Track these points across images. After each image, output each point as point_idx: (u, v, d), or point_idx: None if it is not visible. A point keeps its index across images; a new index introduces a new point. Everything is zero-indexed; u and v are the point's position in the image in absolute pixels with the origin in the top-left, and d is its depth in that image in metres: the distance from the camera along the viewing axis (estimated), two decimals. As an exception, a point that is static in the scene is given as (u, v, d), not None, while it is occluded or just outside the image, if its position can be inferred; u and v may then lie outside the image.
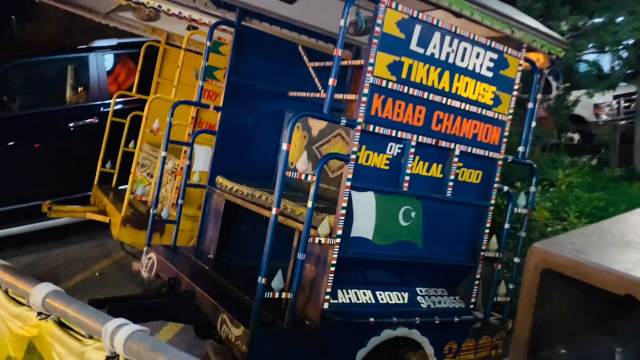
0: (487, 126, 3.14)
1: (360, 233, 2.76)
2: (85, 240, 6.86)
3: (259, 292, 2.49)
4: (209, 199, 3.95)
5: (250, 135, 4.11)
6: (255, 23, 3.92)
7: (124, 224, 4.51)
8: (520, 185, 4.49)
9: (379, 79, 2.67)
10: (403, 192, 2.87)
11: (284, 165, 2.52)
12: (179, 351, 1.22)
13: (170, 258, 3.56)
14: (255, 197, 3.39)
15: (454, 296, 3.29)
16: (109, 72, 6.93)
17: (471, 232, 3.23)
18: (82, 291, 5.42)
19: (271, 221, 2.53)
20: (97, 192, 5.62)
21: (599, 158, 10.93)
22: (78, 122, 6.41)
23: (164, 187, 4.74)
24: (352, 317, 2.73)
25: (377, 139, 2.74)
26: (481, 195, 3.24)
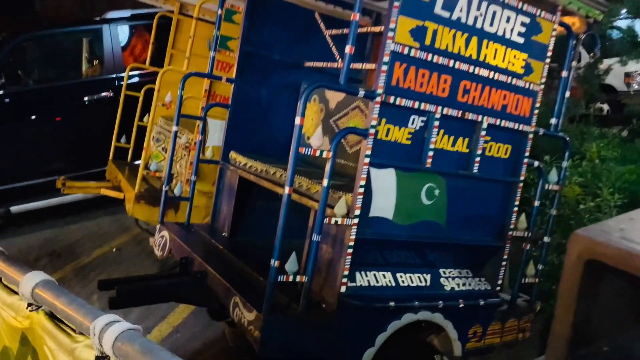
0: (518, 97, 2.91)
1: (379, 213, 2.59)
2: (103, 216, 6.83)
3: (271, 276, 2.35)
4: (223, 175, 3.81)
5: (265, 108, 3.93)
6: (269, -11, 3.71)
7: (138, 201, 4.41)
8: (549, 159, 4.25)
9: (400, 45, 2.46)
10: (426, 169, 2.68)
11: (297, 141, 2.34)
12: (171, 355, 1.08)
13: (183, 236, 3.45)
14: (269, 173, 3.24)
15: (479, 278, 3.11)
16: (125, 44, 6.78)
17: (499, 210, 3.04)
18: (100, 267, 5.40)
19: (284, 201, 2.37)
20: (112, 168, 5.53)
21: (630, 129, 10.52)
22: (93, 95, 6.31)
23: (178, 163, 4.61)
24: (372, 301, 2.58)
25: (399, 111, 2.54)
26: (510, 171, 3.03)
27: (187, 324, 4.27)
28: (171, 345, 3.91)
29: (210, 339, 4.05)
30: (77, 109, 6.26)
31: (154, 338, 4.03)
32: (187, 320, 4.28)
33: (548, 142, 4.14)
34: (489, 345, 3.12)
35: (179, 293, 2.90)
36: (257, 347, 2.38)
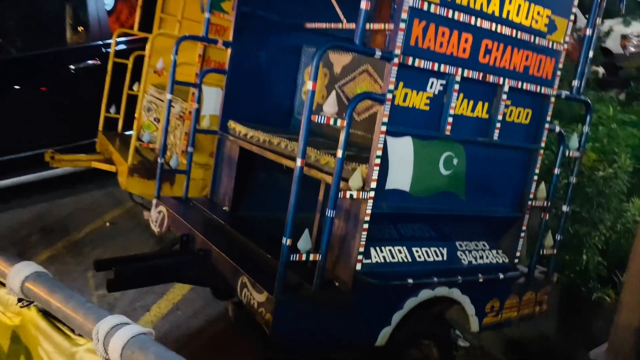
0: (540, 57, 2.71)
1: (396, 185, 2.40)
2: (95, 189, 6.62)
3: (283, 255, 2.17)
4: (222, 146, 3.60)
5: (264, 73, 3.70)
6: (266, -56, 3.43)
7: (131, 174, 4.19)
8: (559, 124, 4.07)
9: (419, 0, 2.24)
10: (445, 137, 2.49)
11: (309, 108, 2.13)
12: (192, 366, 0.90)
13: (182, 211, 3.26)
14: (272, 144, 3.03)
15: (496, 250, 2.97)
16: (110, 9, 6.45)
17: (519, 179, 2.87)
18: (94, 242, 5.22)
19: (296, 174, 2.17)
20: (102, 139, 5.29)
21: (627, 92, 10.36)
22: (79, 64, 6.01)
23: (172, 133, 4.39)
24: (388, 278, 2.42)
25: (417, 74, 2.34)
26: (531, 137, 2.85)
27: (188, 300, 4.12)
28: (171, 323, 3.77)
29: (212, 317, 3.91)
30: (63, 78, 5.97)
31: (153, 316, 3.89)
32: (188, 297, 4.13)
33: (558, 104, 3.97)
34: (506, 320, 3.00)
35: (182, 273, 2.72)
36: (269, 330, 2.22)
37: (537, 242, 3.02)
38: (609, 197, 3.44)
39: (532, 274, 3.03)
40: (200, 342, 3.54)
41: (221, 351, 3.41)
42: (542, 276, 3.15)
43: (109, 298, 4.07)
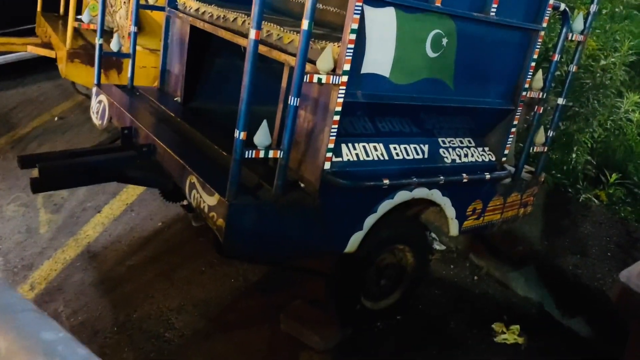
0: None
1: (374, 68, 2.00)
2: (44, 80, 6.04)
3: (236, 151, 1.80)
4: (171, 26, 3.08)
5: None
6: None
7: (71, 59, 3.66)
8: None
9: None
10: (435, 9, 2.05)
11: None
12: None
13: (126, 101, 2.81)
14: (228, 20, 2.55)
15: (483, 147, 2.64)
16: None
17: (514, 66, 2.48)
18: (40, 137, 4.77)
19: (249, 50, 1.74)
20: (40, 21, 4.65)
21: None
22: None
23: (117, 14, 3.81)
24: (361, 179, 2.09)
25: None
26: (531, 15, 2.43)
27: (143, 201, 3.78)
28: (124, 225, 3.45)
29: (170, 218, 3.60)
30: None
31: (104, 217, 3.56)
32: (143, 197, 3.79)
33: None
34: (487, 223, 2.75)
35: (120, 171, 2.33)
36: (221, 238, 1.90)
37: (525, 138, 2.70)
38: (607, 87, 3.10)
39: (520, 174, 2.74)
40: (155, 246, 3.25)
41: (177, 255, 3.14)
42: (528, 176, 2.87)
43: (55, 198, 3.71)
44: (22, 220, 3.37)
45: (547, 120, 2.98)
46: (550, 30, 3.28)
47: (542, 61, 3.13)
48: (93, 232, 3.32)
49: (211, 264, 3.05)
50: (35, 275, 2.89)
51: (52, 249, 3.10)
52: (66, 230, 3.32)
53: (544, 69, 2.80)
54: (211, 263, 3.06)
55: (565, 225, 3.11)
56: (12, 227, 3.29)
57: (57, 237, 3.24)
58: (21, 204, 3.67)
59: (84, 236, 3.27)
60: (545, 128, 2.79)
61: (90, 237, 3.27)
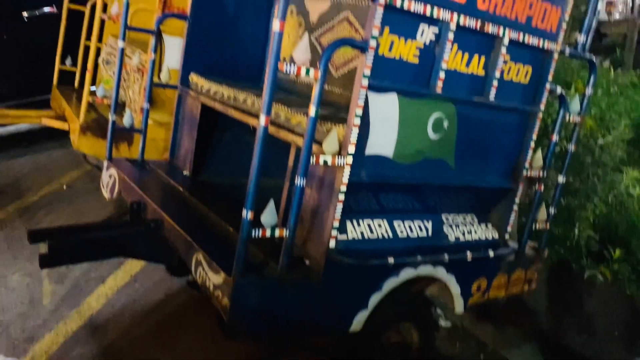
0: (545, 5, 2.36)
1: (377, 150, 2.07)
2: (54, 148, 6.18)
3: (244, 231, 1.83)
4: (182, 103, 3.21)
5: (231, 21, 3.29)
6: None
7: (84, 132, 3.78)
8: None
9: None
10: (435, 95, 2.15)
11: (275, 54, 1.76)
12: None
13: (136, 176, 2.88)
14: (238, 100, 2.66)
15: (485, 223, 2.68)
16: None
17: (514, 146, 2.55)
18: (48, 206, 4.82)
19: (259, 135, 1.82)
20: (55, 94, 4.83)
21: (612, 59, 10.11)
22: (33, 11, 5.48)
23: (131, 89, 3.96)
24: (366, 257, 2.11)
25: (406, 18, 1.97)
26: (529, 98, 2.53)
27: (147, 272, 3.78)
28: (128, 297, 3.44)
29: (174, 289, 3.59)
30: (15, 26, 5.44)
31: (108, 288, 3.55)
32: (147, 269, 3.79)
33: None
34: (492, 300, 2.74)
35: (128, 246, 2.37)
36: (226, 317, 1.90)
37: (528, 214, 2.74)
38: (605, 165, 3.16)
39: (523, 251, 2.76)
40: (158, 318, 3.22)
41: (181, 329, 3.11)
42: (532, 252, 2.88)
43: (60, 268, 3.71)
44: (25, 291, 3.37)
45: (548, 195, 3.02)
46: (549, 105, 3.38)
47: (543, 137, 3.21)
48: (96, 304, 3.31)
49: (214, 339, 3.02)
50: (36, 348, 2.86)
51: (54, 321, 3.08)
52: (69, 301, 3.31)
53: (546, 143, 2.87)
54: (214, 338, 3.02)
55: (570, 302, 3.09)
56: (15, 297, 3.29)
57: (59, 308, 3.22)
58: (25, 274, 3.67)
59: (87, 308, 3.25)
60: (546, 203, 2.83)
61: (93, 309, 3.25)
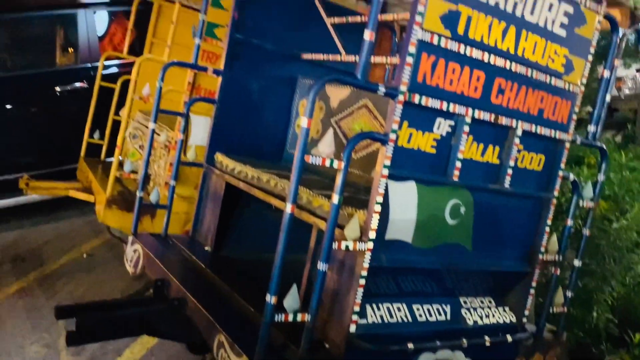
0: (556, 99, 2.50)
1: (397, 235, 2.14)
2: (75, 216, 6.34)
3: (267, 315, 1.89)
4: (207, 180, 3.34)
5: (256, 104, 3.47)
6: (263, -31, 3.25)
7: (110, 206, 3.91)
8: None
9: (429, 33, 2.02)
10: (452, 183, 2.24)
11: (302, 148, 1.89)
12: None
13: (159, 252, 2.97)
14: (262, 181, 2.78)
15: (503, 307, 2.70)
16: (103, 32, 6.27)
17: (529, 230, 2.62)
18: (68, 275, 4.92)
19: (284, 222, 1.91)
20: (83, 166, 5.02)
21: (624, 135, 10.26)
22: (65, 86, 5.79)
23: (156, 163, 4.13)
24: (386, 342, 2.13)
25: (423, 113, 2.11)
26: (543, 185, 2.61)
27: (163, 345, 3.80)
28: (144, 371, 3.45)
29: (190, 364, 3.59)
30: (48, 100, 5.75)
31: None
32: (163, 341, 3.80)
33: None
34: (512, 385, 2.71)
35: (152, 324, 2.42)
36: (246, 400, 1.93)
37: (545, 296, 2.76)
38: (621, 249, 3.19)
39: (541, 334, 2.76)
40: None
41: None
42: (550, 336, 2.87)
43: (77, 340, 3.74)
44: (43, 363, 3.40)
45: (565, 278, 3.04)
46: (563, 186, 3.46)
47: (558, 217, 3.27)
48: (113, 378, 3.32)
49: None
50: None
51: (71, 395, 3.10)
52: (86, 375, 3.33)
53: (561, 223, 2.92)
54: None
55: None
56: (33, 370, 3.32)
57: (77, 382, 3.24)
58: (44, 345, 3.71)
59: (103, 382, 3.27)
60: (563, 286, 2.85)
61: (111, 383, 3.26)
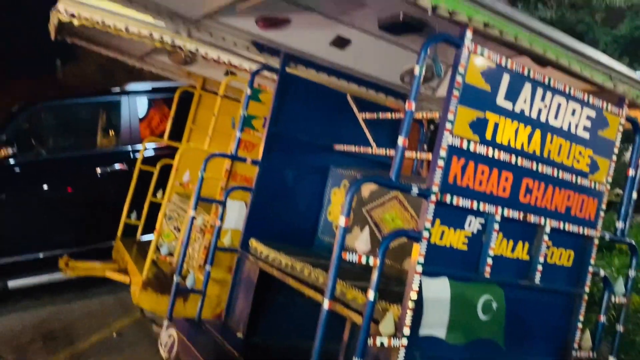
0: (582, 197, 2.59)
1: (430, 331, 2.19)
2: (105, 294, 6.41)
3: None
4: (241, 266, 3.44)
5: (290, 191, 3.63)
6: (300, 69, 3.51)
7: (145, 288, 4.02)
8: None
9: (459, 138, 2.17)
10: (484, 279, 2.31)
11: (340, 245, 2.00)
12: None
13: (193, 337, 3.03)
14: (295, 269, 2.87)
15: (536, 405, 2.66)
16: (142, 116, 6.65)
17: (561, 326, 2.63)
18: (99, 355, 4.94)
19: (322, 318, 1.99)
20: (119, 247, 5.18)
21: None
22: (106, 167, 6.08)
23: (191, 246, 4.26)
24: None
25: (455, 212, 2.22)
26: (573, 280, 2.65)
27: None
28: None
29: None
30: (89, 181, 6.02)
31: None
32: None
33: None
34: None
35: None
36: None
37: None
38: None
39: None
40: None
41: None
42: None
43: None
44: None
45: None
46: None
47: (591, 310, 3.25)
48: None
49: None
50: None
51: None
52: None
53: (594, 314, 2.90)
54: None
55: None
56: None
57: None
58: None
59: None
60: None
61: None
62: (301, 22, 3.10)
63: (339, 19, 3.08)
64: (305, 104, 3.63)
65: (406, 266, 2.81)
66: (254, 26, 3.12)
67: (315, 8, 2.96)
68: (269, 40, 3.27)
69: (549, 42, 2.29)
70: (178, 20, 3.02)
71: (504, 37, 2.16)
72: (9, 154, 5.53)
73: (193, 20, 3.06)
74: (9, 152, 5.53)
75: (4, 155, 5.49)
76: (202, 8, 2.90)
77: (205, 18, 3.03)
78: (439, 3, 1.97)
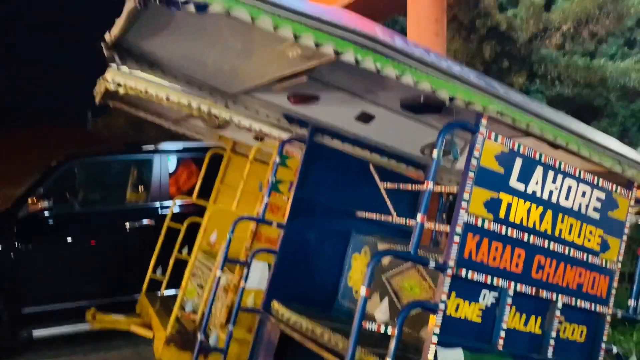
0: (594, 275, 2.70)
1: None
2: (125, 347, 6.47)
3: None
4: (262, 327, 3.55)
5: (312, 254, 3.78)
6: (326, 140, 3.74)
7: (168, 343, 4.13)
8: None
9: (474, 217, 2.33)
10: (497, 351, 2.41)
11: (360, 314, 2.13)
12: None
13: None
14: (315, 334, 2.98)
15: None
16: (171, 173, 6.91)
17: (575, 403, 2.68)
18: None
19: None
20: (144, 301, 5.32)
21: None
22: (135, 222, 6.29)
23: (214, 305, 4.38)
24: None
25: (470, 285, 2.35)
26: (586, 356, 2.72)
27: None
28: None
29: None
30: (117, 235, 6.23)
31: None
32: None
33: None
34: None
35: None
36: None
37: None
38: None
39: None
40: None
41: None
42: None
43: None
44: None
45: None
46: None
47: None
48: None
49: None
50: None
51: None
52: None
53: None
54: None
55: None
56: None
57: None
58: None
59: None
60: None
61: None
62: (329, 98, 3.35)
63: (364, 97, 3.33)
64: (329, 171, 3.83)
65: (423, 334, 2.90)
66: (285, 101, 3.39)
67: (343, 87, 3.22)
68: (298, 113, 3.52)
69: (559, 129, 2.48)
70: (217, 94, 3.30)
71: (517, 124, 2.35)
72: (45, 207, 5.79)
73: (231, 95, 3.34)
74: (45, 205, 5.80)
75: (40, 208, 5.76)
76: (240, 86, 3.18)
77: (242, 93, 3.30)
78: (456, 95, 2.18)
